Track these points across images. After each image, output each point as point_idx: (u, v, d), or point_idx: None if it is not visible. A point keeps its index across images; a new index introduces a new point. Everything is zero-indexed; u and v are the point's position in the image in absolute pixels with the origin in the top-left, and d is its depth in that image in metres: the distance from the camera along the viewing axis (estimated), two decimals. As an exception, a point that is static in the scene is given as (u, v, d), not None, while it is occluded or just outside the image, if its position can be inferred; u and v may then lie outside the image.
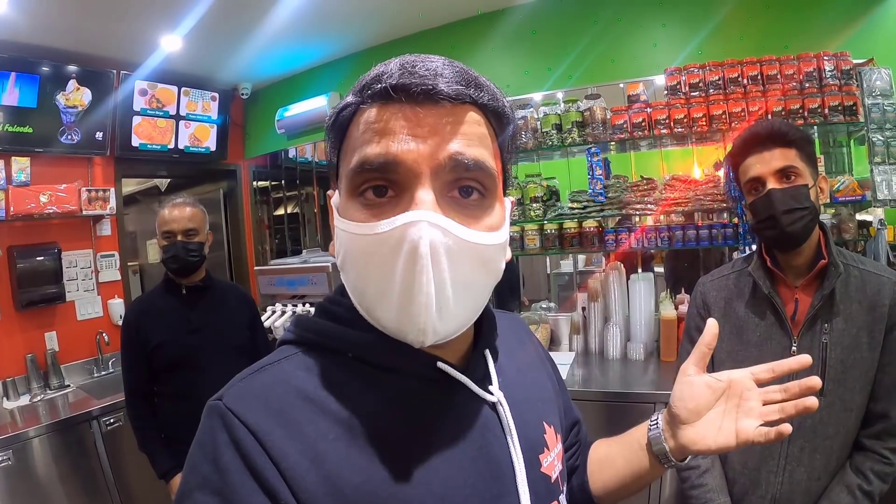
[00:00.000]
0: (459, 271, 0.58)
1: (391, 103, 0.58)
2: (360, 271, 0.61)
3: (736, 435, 0.73)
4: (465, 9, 3.56)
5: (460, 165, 0.58)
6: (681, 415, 0.77)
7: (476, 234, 0.60)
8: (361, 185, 0.60)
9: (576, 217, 3.08)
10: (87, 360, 3.71)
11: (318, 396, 0.61)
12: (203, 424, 0.59)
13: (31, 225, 3.47)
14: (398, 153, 0.57)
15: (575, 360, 2.99)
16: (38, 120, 3.43)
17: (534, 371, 0.85)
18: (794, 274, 1.45)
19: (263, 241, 5.11)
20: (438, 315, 0.57)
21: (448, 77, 0.59)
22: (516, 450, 0.68)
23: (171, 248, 2.31)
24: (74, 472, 2.91)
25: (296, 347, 0.67)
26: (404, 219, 0.56)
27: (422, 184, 0.57)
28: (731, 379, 0.77)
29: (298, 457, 0.56)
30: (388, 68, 0.60)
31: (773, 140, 1.38)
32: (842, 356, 1.37)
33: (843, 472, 1.40)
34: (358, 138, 0.60)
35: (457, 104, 0.59)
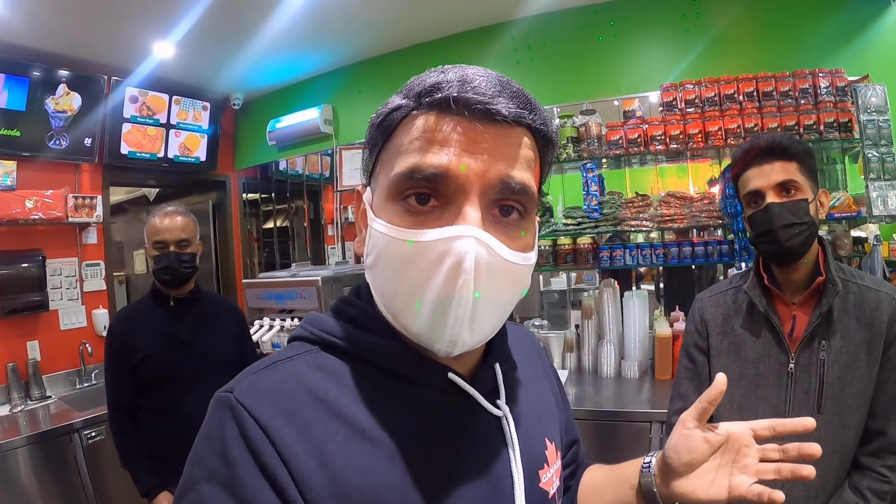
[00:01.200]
0: (495, 288, 0.59)
1: (448, 114, 0.58)
2: (395, 275, 0.61)
3: (729, 490, 0.73)
4: (460, 23, 3.55)
5: (508, 188, 0.59)
6: (674, 466, 0.76)
7: (514, 254, 0.61)
8: (406, 191, 0.59)
9: (570, 233, 3.06)
10: (70, 370, 3.64)
11: (328, 397, 0.61)
12: (211, 416, 0.59)
13: (16, 230, 3.41)
14: (451, 167, 0.57)
15: (568, 378, 2.95)
16: (27, 123, 3.38)
17: (539, 386, 0.85)
18: (791, 290, 1.44)
19: (252, 254, 5.06)
20: (470, 328, 0.59)
21: (507, 97, 0.59)
22: (517, 464, 0.68)
23: (164, 259, 2.24)
24: (54, 485, 2.83)
25: (309, 345, 0.67)
26: (452, 232, 0.57)
27: (470, 200, 0.58)
28: (730, 433, 0.75)
29: (306, 456, 0.56)
30: (448, 77, 0.59)
31: (773, 153, 1.37)
32: (840, 373, 1.36)
33: (840, 491, 1.38)
34: (408, 144, 0.60)
35: (511, 126, 0.59)
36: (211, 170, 4.59)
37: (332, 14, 3.25)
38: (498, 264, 0.58)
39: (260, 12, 3.15)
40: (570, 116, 3.07)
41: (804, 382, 1.38)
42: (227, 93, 4.52)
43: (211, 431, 0.57)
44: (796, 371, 1.39)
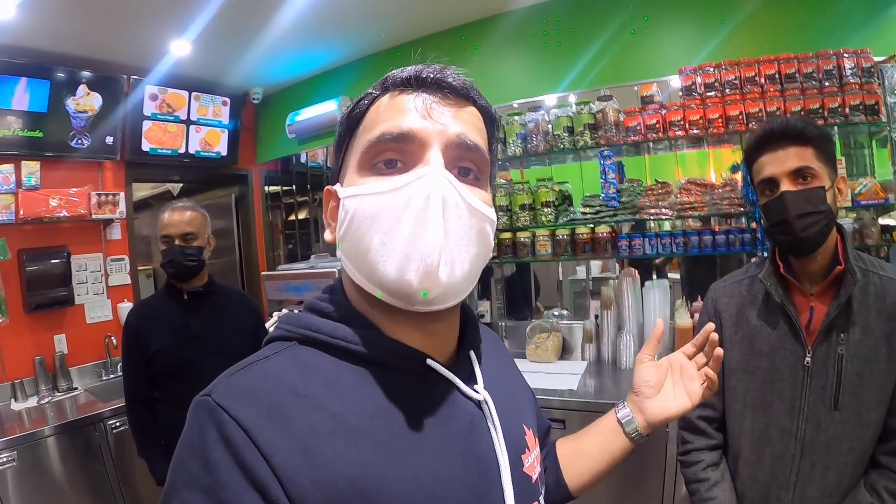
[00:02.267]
0: (462, 229, 0.64)
1: (408, 90, 0.68)
2: (368, 230, 0.64)
3: (688, 397, 0.94)
4: (477, 11, 3.51)
5: (464, 145, 0.66)
6: (644, 391, 0.96)
7: (476, 200, 0.66)
8: (375, 157, 0.66)
9: (588, 222, 3.01)
10: (96, 363, 3.73)
11: (308, 391, 0.61)
12: (190, 421, 0.59)
13: (41, 228, 3.49)
14: (413, 127, 0.65)
15: (587, 370, 2.92)
16: (49, 124, 3.45)
17: (512, 376, 0.90)
18: (809, 280, 1.38)
19: (276, 247, 5.11)
20: (444, 261, 0.61)
21: (455, 75, 0.69)
22: (502, 448, 0.70)
23: (168, 253, 2.29)
24: (81, 473, 2.92)
25: (285, 343, 0.68)
26: (420, 172, 0.63)
27: (432, 151, 0.65)
28: (670, 360, 0.99)
29: (290, 452, 0.56)
30: (405, 68, 0.69)
31: (788, 138, 1.32)
32: (858, 368, 1.29)
33: (856, 490, 1.32)
34: (375, 118, 0.68)
35: (460, 99, 0.69)
36: (232, 164, 4.62)
37: (347, 6, 3.24)
38: (462, 204, 0.64)
39: (274, 6, 3.15)
40: (587, 103, 3.01)
41: (821, 377, 1.32)
42: (247, 87, 4.54)
43: (191, 436, 0.58)
44: (813, 365, 1.33)
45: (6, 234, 3.29)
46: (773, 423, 1.38)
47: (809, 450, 1.32)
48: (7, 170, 3.28)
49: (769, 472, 1.38)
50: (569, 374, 2.81)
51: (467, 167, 0.68)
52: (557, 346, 3.12)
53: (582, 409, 2.47)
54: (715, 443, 1.51)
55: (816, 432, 1.32)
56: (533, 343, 3.13)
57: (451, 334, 0.74)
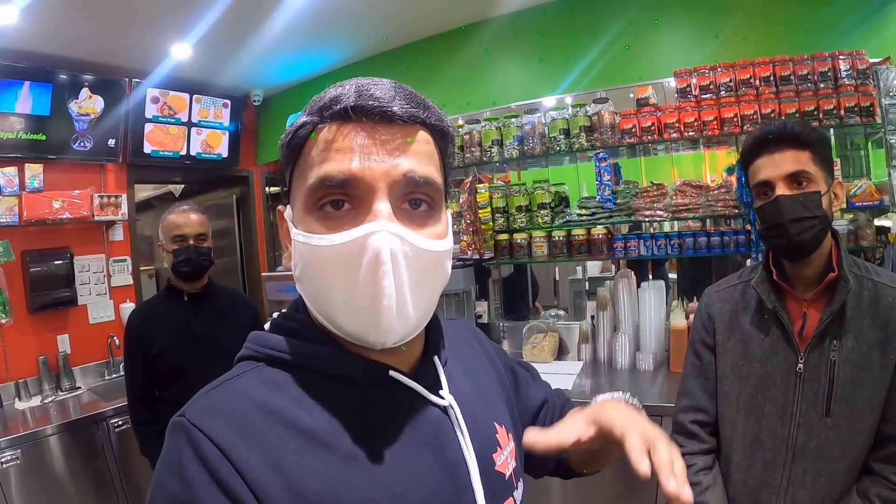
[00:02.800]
0: (415, 275, 0.63)
1: (349, 123, 0.62)
2: (321, 281, 0.64)
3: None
4: (476, 13, 3.53)
5: (412, 182, 0.63)
6: None
7: (427, 241, 0.64)
8: (320, 200, 0.63)
9: (584, 224, 3.03)
10: (99, 362, 3.77)
11: (277, 408, 0.62)
12: (167, 441, 0.60)
13: (45, 230, 3.53)
14: (357, 171, 0.61)
15: (583, 370, 2.93)
16: (52, 127, 3.50)
17: (482, 374, 0.87)
18: (802, 286, 1.37)
19: (277, 248, 5.12)
20: (398, 317, 0.61)
21: (401, 100, 0.63)
22: (469, 450, 0.71)
23: (184, 252, 2.31)
24: (84, 471, 2.97)
25: (254, 363, 0.69)
26: (366, 229, 0.60)
27: (379, 197, 0.61)
28: None
29: (262, 467, 0.57)
30: (345, 90, 0.63)
31: (784, 141, 1.30)
32: (851, 375, 1.28)
33: (847, 497, 1.32)
34: (317, 156, 0.63)
35: (409, 125, 0.64)
36: (233, 165, 4.66)
37: (346, 9, 3.26)
38: (414, 252, 0.62)
39: (274, 9, 3.17)
40: (582, 105, 3.02)
41: (813, 383, 1.31)
42: (248, 90, 4.58)
43: (168, 455, 0.59)
44: (805, 371, 1.32)
45: (10, 235, 3.33)
46: (765, 429, 1.37)
47: (801, 456, 1.32)
48: (10, 172, 3.32)
49: (760, 477, 1.38)
50: (564, 374, 2.83)
51: (418, 198, 0.65)
52: (554, 346, 3.14)
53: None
54: (707, 447, 1.51)
55: (808, 438, 1.31)
56: (529, 343, 3.15)
57: (414, 345, 0.73)
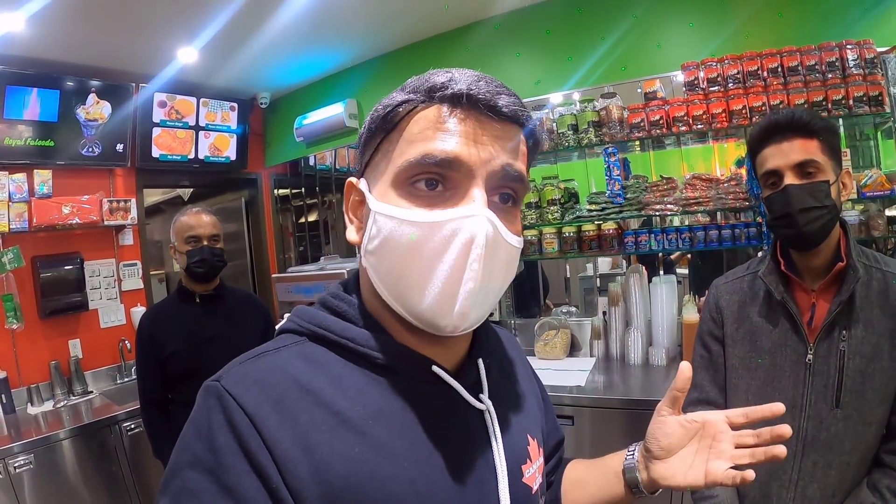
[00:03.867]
0: (495, 266, 0.63)
1: (458, 107, 0.63)
2: (403, 256, 0.62)
3: (705, 475, 0.75)
4: (480, 11, 3.53)
5: (508, 176, 0.64)
6: (653, 451, 0.81)
7: (513, 237, 0.66)
8: (415, 176, 0.63)
9: (594, 219, 3.02)
10: (110, 366, 3.78)
11: (314, 387, 0.62)
12: (199, 404, 0.60)
13: (55, 235, 3.54)
14: (461, 153, 0.61)
15: (595, 366, 2.93)
16: (60, 133, 3.51)
17: (522, 384, 0.87)
18: (811, 276, 1.36)
19: (287, 249, 5.15)
20: (475, 303, 0.61)
21: (508, 97, 0.64)
22: (500, 458, 0.70)
23: (198, 252, 2.33)
24: (97, 475, 2.97)
25: (297, 336, 0.69)
26: (464, 211, 0.61)
27: (476, 184, 0.62)
28: (706, 420, 0.79)
29: (291, 444, 0.57)
30: (454, 77, 0.64)
31: (793, 130, 1.29)
32: (861, 366, 1.27)
33: (858, 490, 1.30)
34: (418, 133, 0.63)
35: (510, 122, 0.65)
36: (242, 168, 4.67)
37: (351, 10, 3.26)
38: (501, 244, 0.63)
39: (279, 13, 3.17)
40: (590, 100, 3.01)
41: (823, 375, 1.30)
42: (254, 92, 4.59)
43: (198, 419, 0.59)
44: (815, 363, 1.31)
45: (20, 241, 3.34)
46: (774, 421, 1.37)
47: (811, 448, 1.31)
48: (20, 179, 3.33)
49: (770, 470, 1.36)
50: (577, 370, 2.83)
51: (508, 193, 0.66)
52: (566, 342, 3.13)
53: (590, 405, 2.48)
54: None
55: (818, 430, 1.30)
56: (541, 340, 3.14)
57: (461, 343, 0.73)
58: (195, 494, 0.55)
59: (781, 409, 0.76)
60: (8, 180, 3.30)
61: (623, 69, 3.18)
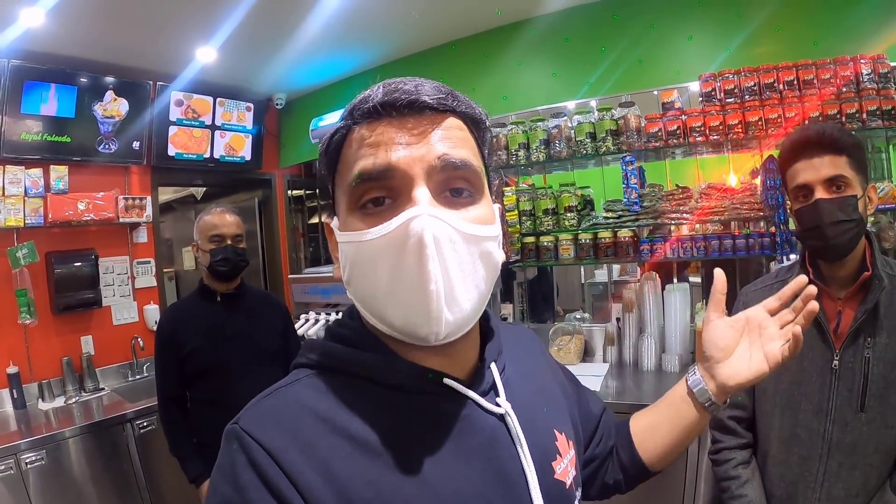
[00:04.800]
0: (462, 260, 0.61)
1: (380, 119, 0.63)
2: (368, 276, 0.63)
3: (766, 361, 0.82)
4: (496, 18, 3.55)
5: (449, 165, 0.62)
6: (714, 355, 0.86)
7: (471, 225, 0.63)
8: (361, 198, 0.63)
9: (610, 226, 3.04)
10: (122, 363, 3.79)
11: (329, 415, 0.63)
12: (223, 449, 0.62)
13: (69, 231, 3.56)
14: (392, 160, 0.61)
15: (609, 372, 2.94)
16: (76, 130, 3.53)
17: (542, 380, 0.87)
18: (837, 285, 1.40)
19: (298, 250, 5.17)
20: (447, 304, 0.60)
21: (428, 89, 0.63)
22: (527, 459, 0.70)
23: (222, 251, 2.34)
24: (107, 473, 2.97)
25: (308, 370, 0.70)
26: (406, 215, 0.59)
27: (417, 184, 0.61)
28: (748, 316, 0.87)
29: (312, 473, 0.58)
30: (373, 90, 0.64)
31: (823, 146, 1.32)
32: (884, 372, 1.31)
33: (882, 492, 1.33)
34: (352, 155, 0.64)
35: (438, 113, 0.64)
36: (256, 168, 4.70)
37: (371, 13, 3.29)
38: (458, 236, 0.61)
39: (299, 14, 3.20)
40: (608, 109, 3.04)
41: (848, 380, 1.34)
42: (270, 93, 4.62)
43: (223, 462, 0.61)
44: (840, 368, 1.34)
45: (35, 236, 3.35)
46: (801, 424, 1.39)
47: (836, 450, 1.34)
48: (36, 174, 3.35)
49: (797, 471, 1.40)
50: (591, 375, 2.84)
51: (459, 187, 0.64)
52: (579, 348, 3.15)
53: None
54: (745, 441, 1.53)
55: (843, 433, 1.33)
56: (555, 345, 3.16)
57: (470, 350, 0.73)
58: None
59: (804, 279, 0.83)
60: (24, 175, 3.32)
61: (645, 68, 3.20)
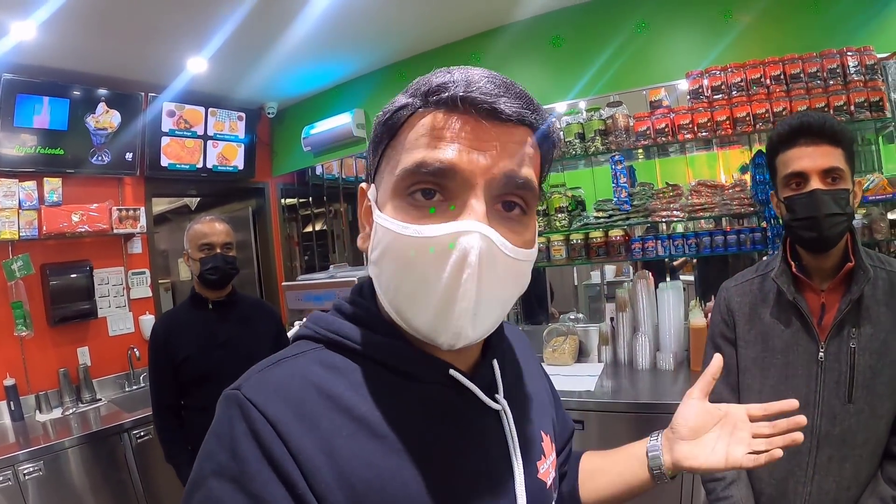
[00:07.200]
0: (497, 283, 0.60)
1: (454, 112, 0.60)
2: (399, 269, 0.62)
3: (726, 458, 0.80)
4: (487, 21, 3.57)
5: (512, 183, 0.61)
6: (681, 432, 0.85)
7: (517, 249, 0.62)
8: (412, 186, 0.61)
9: (601, 226, 3.05)
10: (119, 374, 3.79)
11: (334, 392, 0.62)
12: (220, 413, 0.60)
13: (64, 243, 3.57)
14: (456, 161, 0.58)
15: (604, 371, 2.95)
16: (70, 142, 3.54)
17: (533, 381, 0.88)
18: (820, 277, 1.40)
19: (293, 258, 5.18)
20: (472, 322, 0.60)
21: (511, 97, 0.60)
22: (517, 456, 0.71)
23: (212, 260, 2.35)
24: (105, 483, 2.96)
25: (314, 343, 0.69)
26: (458, 227, 0.58)
27: (475, 194, 0.59)
28: (728, 411, 0.85)
29: (315, 450, 0.57)
30: (454, 78, 0.61)
31: (823, 136, 1.31)
32: (871, 362, 1.31)
33: (875, 483, 1.34)
34: (415, 140, 0.61)
35: (514, 124, 0.61)
36: (249, 177, 4.70)
37: (359, 20, 3.30)
38: (500, 259, 0.60)
39: (288, 22, 3.21)
40: (597, 109, 3.06)
41: (834, 371, 1.34)
42: (262, 102, 4.62)
43: (220, 428, 0.59)
44: (826, 360, 1.35)
45: (30, 249, 3.36)
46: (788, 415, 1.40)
47: (825, 443, 1.34)
48: (30, 186, 3.36)
49: (786, 466, 1.39)
50: (586, 375, 2.85)
51: (513, 201, 0.62)
52: (574, 349, 3.15)
53: (599, 409, 2.50)
54: None
55: (832, 425, 1.34)
56: (550, 346, 3.16)
57: (475, 346, 0.72)
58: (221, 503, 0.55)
59: (795, 404, 0.83)
60: (18, 188, 3.33)
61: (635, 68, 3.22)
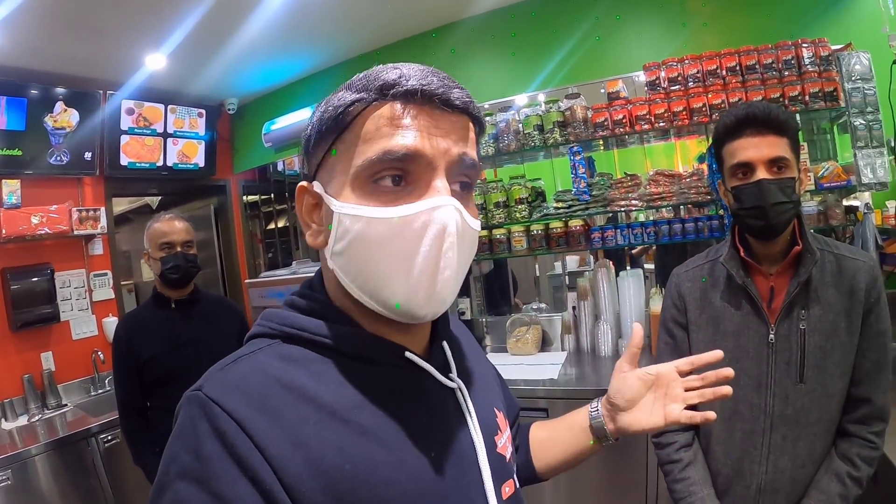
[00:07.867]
0: (465, 251, 0.68)
1: (411, 103, 0.64)
2: (375, 253, 0.64)
3: (664, 417, 0.89)
4: (446, 15, 3.58)
5: (465, 163, 0.67)
6: (619, 404, 0.93)
7: (475, 221, 0.69)
8: (377, 174, 0.64)
9: (561, 217, 3.08)
10: (84, 378, 3.74)
11: (295, 384, 0.63)
12: (182, 415, 0.60)
13: (24, 246, 3.50)
14: (420, 147, 0.63)
15: (567, 359, 2.99)
16: (28, 142, 3.47)
17: (479, 362, 0.92)
18: (768, 261, 1.43)
19: (257, 255, 5.13)
20: (453, 289, 0.66)
21: (458, 90, 0.67)
22: (477, 432, 0.75)
23: (172, 259, 2.34)
24: (74, 489, 2.94)
25: (268, 340, 0.70)
26: (432, 203, 0.63)
27: (438, 175, 0.65)
28: (659, 372, 0.92)
29: (282, 442, 0.58)
30: (404, 72, 0.65)
31: (768, 126, 1.34)
32: (820, 342, 1.36)
33: (829, 460, 1.39)
34: (375, 131, 0.64)
35: (461, 112, 0.67)
36: (210, 175, 4.65)
37: (315, 15, 3.29)
38: (468, 230, 0.67)
39: (244, 18, 3.19)
40: (555, 101, 3.08)
41: (785, 353, 1.38)
42: (222, 99, 4.58)
43: (183, 430, 0.59)
44: (777, 342, 1.39)
45: (-11, 253, 3.30)
46: (742, 400, 1.43)
47: (779, 423, 1.38)
48: (-12, 189, 3.30)
49: (741, 447, 1.44)
50: (549, 364, 2.89)
51: (466, 181, 0.69)
52: (537, 338, 3.20)
53: (564, 396, 2.56)
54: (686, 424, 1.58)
55: (784, 405, 1.38)
56: (513, 337, 3.20)
57: (426, 328, 0.76)
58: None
59: (720, 355, 0.91)
60: (-25, 191, 3.26)
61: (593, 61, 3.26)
